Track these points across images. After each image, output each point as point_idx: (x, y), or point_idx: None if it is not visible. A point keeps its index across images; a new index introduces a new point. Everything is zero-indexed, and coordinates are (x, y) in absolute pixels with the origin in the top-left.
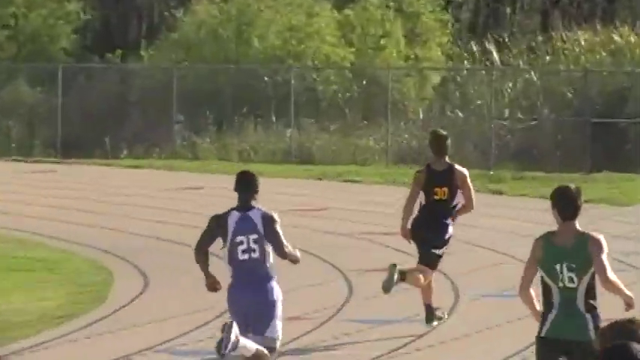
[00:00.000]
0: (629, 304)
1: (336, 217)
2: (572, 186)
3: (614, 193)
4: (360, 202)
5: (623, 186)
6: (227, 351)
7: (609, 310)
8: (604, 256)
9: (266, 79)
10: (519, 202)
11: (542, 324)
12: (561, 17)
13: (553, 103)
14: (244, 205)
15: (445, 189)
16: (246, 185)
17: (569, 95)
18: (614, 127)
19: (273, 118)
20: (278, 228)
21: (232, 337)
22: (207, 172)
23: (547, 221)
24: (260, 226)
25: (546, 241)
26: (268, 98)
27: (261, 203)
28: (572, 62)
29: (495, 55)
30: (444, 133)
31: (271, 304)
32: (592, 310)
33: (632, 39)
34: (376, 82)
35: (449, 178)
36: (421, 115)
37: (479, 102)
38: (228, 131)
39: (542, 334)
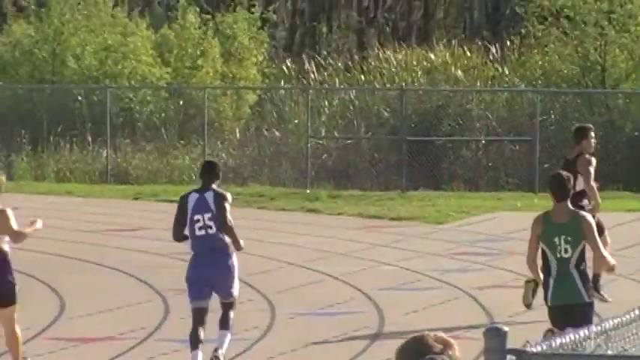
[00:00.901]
0: (610, 269)
1: (151, 237)
2: (564, 173)
3: (430, 211)
4: None
5: (439, 203)
6: None
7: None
8: (595, 233)
9: (80, 98)
10: (335, 221)
11: (546, 292)
12: (377, 36)
13: (369, 121)
14: (203, 187)
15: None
16: (209, 172)
17: (386, 114)
18: (430, 145)
19: (89, 138)
20: (226, 205)
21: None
22: (23, 193)
23: (361, 239)
24: (212, 205)
25: (545, 219)
26: (84, 118)
27: (75, 223)
28: (388, 81)
29: (312, 73)
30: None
31: (231, 269)
32: (582, 275)
33: (448, 58)
34: (192, 101)
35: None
36: (238, 135)
37: (295, 121)
38: (44, 151)
39: (549, 304)
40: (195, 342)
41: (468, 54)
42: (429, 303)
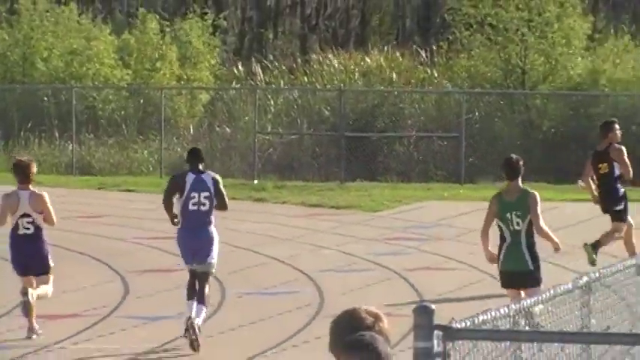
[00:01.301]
0: (556, 249)
1: (114, 224)
2: (514, 156)
3: (366, 201)
4: (136, 209)
5: (374, 193)
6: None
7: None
8: (538, 209)
9: (45, 98)
10: (280, 209)
11: (498, 258)
12: (318, 41)
13: (311, 119)
14: (197, 170)
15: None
16: (196, 156)
17: (326, 112)
18: (366, 140)
19: (56, 134)
20: (222, 188)
21: (197, 331)
22: None
23: (303, 226)
24: (211, 186)
25: (499, 197)
26: (51, 115)
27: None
28: (328, 82)
29: (259, 75)
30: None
31: (211, 240)
32: (531, 245)
33: (382, 62)
34: (151, 100)
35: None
36: (192, 131)
37: (245, 118)
38: (16, 146)
39: (500, 268)
40: (190, 293)
41: (401, 58)
42: (365, 283)
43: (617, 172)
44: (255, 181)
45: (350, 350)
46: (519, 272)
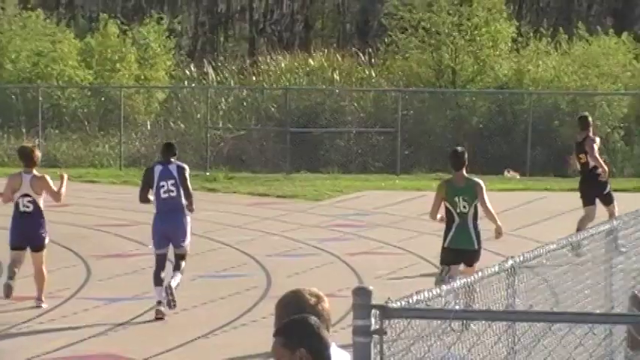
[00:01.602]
0: (499, 233)
1: (78, 212)
2: (460, 148)
3: (310, 190)
4: (98, 199)
5: (317, 184)
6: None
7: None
8: (485, 194)
9: (13, 97)
10: (230, 198)
11: (445, 238)
12: (265, 44)
13: (259, 115)
14: (165, 161)
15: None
16: (169, 149)
17: (273, 109)
18: (310, 135)
19: (24, 130)
20: (187, 175)
21: (174, 293)
22: None
23: (252, 214)
24: (176, 174)
25: (448, 183)
26: (19, 112)
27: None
28: (274, 82)
29: (211, 75)
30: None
31: (184, 225)
32: (476, 227)
33: (325, 63)
34: (111, 99)
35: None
36: (149, 126)
37: (197, 115)
38: None
39: (445, 245)
40: (157, 280)
41: (341, 59)
42: (309, 267)
43: (592, 161)
44: (208, 173)
45: (287, 331)
46: (465, 250)
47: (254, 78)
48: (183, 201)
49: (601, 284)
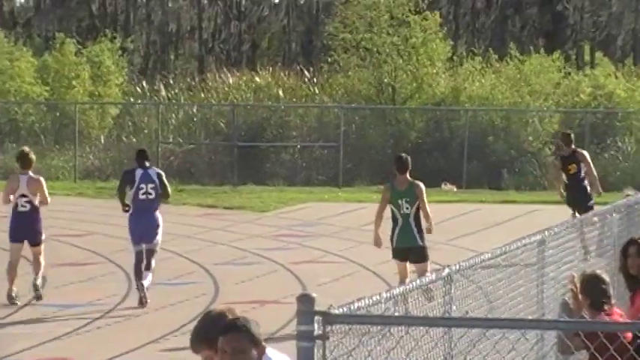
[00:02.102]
0: (429, 230)
1: None
2: (404, 155)
3: (256, 202)
4: (53, 210)
5: (263, 196)
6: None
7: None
8: (424, 196)
9: None
10: (180, 209)
11: (392, 238)
12: (214, 62)
13: (208, 130)
14: (143, 166)
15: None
16: (143, 155)
17: (221, 124)
18: (256, 149)
19: None
20: (165, 180)
21: (145, 288)
22: None
23: (200, 224)
24: (156, 179)
25: (391, 186)
26: None
27: None
28: (222, 98)
29: (162, 92)
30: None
31: (157, 224)
32: (418, 225)
33: (271, 80)
34: (66, 114)
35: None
36: (102, 141)
37: (148, 130)
38: None
39: (394, 246)
40: (138, 274)
41: (287, 77)
42: (255, 275)
43: (582, 172)
44: None
45: (226, 332)
46: (410, 248)
47: (203, 95)
48: (158, 202)
49: (533, 292)
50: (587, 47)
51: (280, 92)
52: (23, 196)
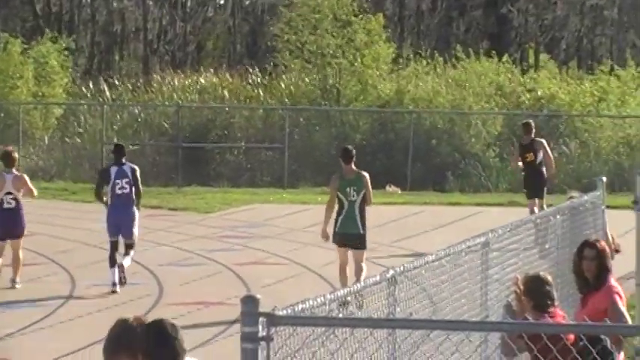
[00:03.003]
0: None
1: None
2: (349, 146)
3: (200, 203)
4: None
5: (208, 197)
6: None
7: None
8: (369, 186)
9: None
10: None
11: (336, 223)
12: (159, 63)
13: (152, 131)
14: (118, 162)
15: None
16: (120, 151)
17: (165, 125)
18: (201, 150)
19: None
20: (138, 176)
21: (124, 270)
22: None
23: (144, 225)
24: (129, 174)
25: (340, 176)
26: None
27: None
28: (167, 99)
29: (107, 92)
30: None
31: (133, 218)
32: (362, 212)
33: (216, 81)
34: (10, 114)
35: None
36: (47, 141)
37: (93, 130)
38: None
39: (336, 230)
40: (112, 262)
41: (231, 78)
42: (199, 276)
43: (539, 160)
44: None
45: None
46: (352, 234)
47: (147, 95)
48: (133, 196)
49: (477, 294)
50: (531, 50)
51: (225, 93)
52: (9, 193)
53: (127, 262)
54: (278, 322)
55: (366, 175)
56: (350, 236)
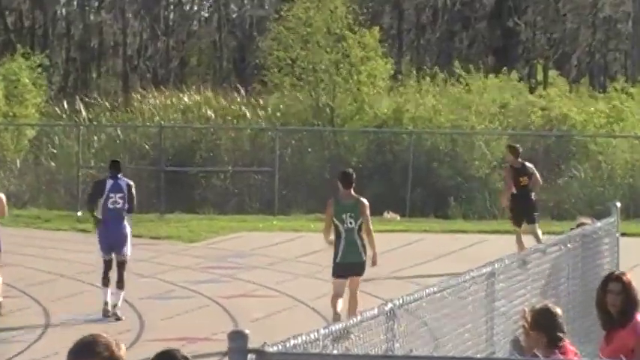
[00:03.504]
0: (373, 262)
1: None
2: (349, 170)
3: (184, 231)
4: None
5: (192, 225)
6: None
7: None
8: (368, 213)
9: None
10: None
11: (336, 254)
12: (139, 81)
13: (133, 153)
14: (114, 176)
15: None
16: (116, 166)
17: (147, 147)
18: (185, 174)
19: None
20: (134, 192)
21: (118, 313)
22: None
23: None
24: (125, 189)
25: (336, 201)
26: None
27: None
28: (148, 119)
29: (83, 112)
30: None
31: (126, 235)
32: (361, 240)
33: (200, 100)
34: None
35: None
36: (18, 164)
37: (69, 153)
38: None
39: (338, 261)
40: (105, 282)
41: (217, 97)
42: (183, 310)
43: (530, 184)
44: (79, 213)
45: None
46: (356, 263)
47: (127, 115)
48: (126, 212)
49: (482, 328)
50: (539, 66)
51: (211, 113)
52: None
53: (119, 300)
54: (268, 359)
55: (366, 202)
56: (354, 265)
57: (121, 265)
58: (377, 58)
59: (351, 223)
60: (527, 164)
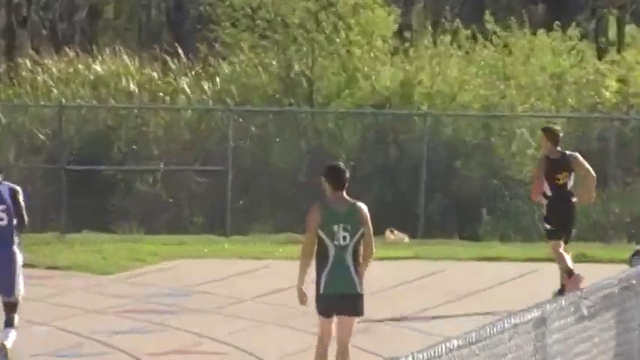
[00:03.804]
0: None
1: None
2: (342, 164)
3: (96, 259)
4: None
5: (106, 249)
6: None
7: None
8: (369, 224)
9: None
10: None
11: (319, 282)
12: (30, 40)
13: (21, 146)
14: None
15: None
16: None
17: (41, 136)
18: (97, 175)
19: None
20: (21, 200)
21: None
22: None
23: None
24: (8, 199)
25: (323, 207)
26: None
27: None
28: (43, 96)
29: None
30: None
31: (14, 264)
32: (356, 264)
33: (117, 67)
34: None
35: None
36: None
37: None
38: None
39: (321, 292)
40: None
41: (141, 65)
42: None
43: (571, 183)
44: None
45: None
46: (346, 295)
47: (12, 90)
48: (14, 232)
49: None
50: (612, 18)
51: (134, 87)
52: None
53: (10, 339)
54: None
55: (365, 208)
56: (344, 298)
57: (11, 307)
58: (375, 7)
59: (344, 238)
60: (571, 154)
